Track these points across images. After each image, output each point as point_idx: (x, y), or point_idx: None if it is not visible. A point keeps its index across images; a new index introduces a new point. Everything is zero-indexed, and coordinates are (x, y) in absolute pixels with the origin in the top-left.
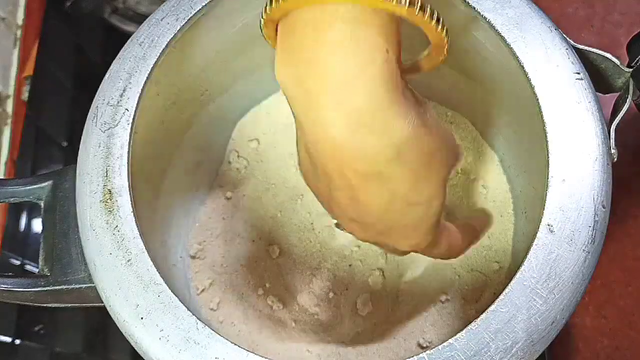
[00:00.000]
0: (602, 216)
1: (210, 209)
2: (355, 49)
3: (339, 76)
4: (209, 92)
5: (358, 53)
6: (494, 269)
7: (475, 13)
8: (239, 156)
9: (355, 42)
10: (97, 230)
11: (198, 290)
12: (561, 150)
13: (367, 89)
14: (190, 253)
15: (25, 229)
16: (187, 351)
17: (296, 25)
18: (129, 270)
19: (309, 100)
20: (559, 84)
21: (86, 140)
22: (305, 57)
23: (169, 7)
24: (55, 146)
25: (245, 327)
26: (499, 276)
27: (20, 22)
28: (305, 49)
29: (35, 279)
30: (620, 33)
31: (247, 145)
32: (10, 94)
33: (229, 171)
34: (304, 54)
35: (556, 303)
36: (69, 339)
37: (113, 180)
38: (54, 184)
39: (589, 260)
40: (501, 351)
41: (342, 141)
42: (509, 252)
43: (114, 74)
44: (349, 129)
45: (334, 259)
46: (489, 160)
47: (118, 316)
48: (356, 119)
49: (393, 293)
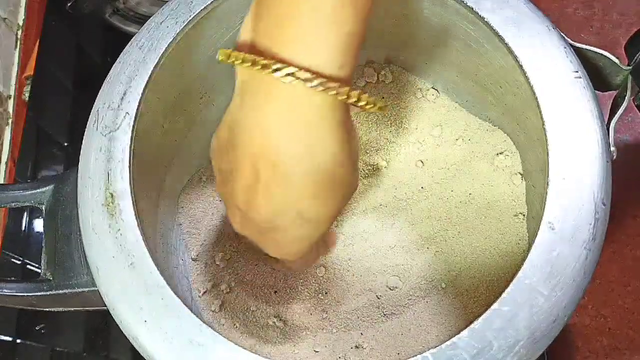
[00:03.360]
0: (602, 214)
1: (211, 211)
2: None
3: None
4: (208, 94)
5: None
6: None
7: (474, 13)
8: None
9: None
10: (99, 234)
11: (200, 292)
12: (560, 148)
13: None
14: (191, 255)
15: (27, 229)
16: (191, 353)
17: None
18: (132, 274)
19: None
20: (558, 83)
21: (87, 144)
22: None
23: (168, 10)
24: (56, 146)
25: (248, 329)
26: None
27: (21, 23)
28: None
29: (38, 283)
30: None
31: None
32: (11, 94)
33: None
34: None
35: (558, 301)
36: (70, 338)
37: (115, 183)
38: (55, 188)
39: (589, 258)
40: (504, 349)
41: (270, 136)
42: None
43: (114, 78)
44: (282, 127)
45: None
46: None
47: (122, 319)
48: (294, 122)
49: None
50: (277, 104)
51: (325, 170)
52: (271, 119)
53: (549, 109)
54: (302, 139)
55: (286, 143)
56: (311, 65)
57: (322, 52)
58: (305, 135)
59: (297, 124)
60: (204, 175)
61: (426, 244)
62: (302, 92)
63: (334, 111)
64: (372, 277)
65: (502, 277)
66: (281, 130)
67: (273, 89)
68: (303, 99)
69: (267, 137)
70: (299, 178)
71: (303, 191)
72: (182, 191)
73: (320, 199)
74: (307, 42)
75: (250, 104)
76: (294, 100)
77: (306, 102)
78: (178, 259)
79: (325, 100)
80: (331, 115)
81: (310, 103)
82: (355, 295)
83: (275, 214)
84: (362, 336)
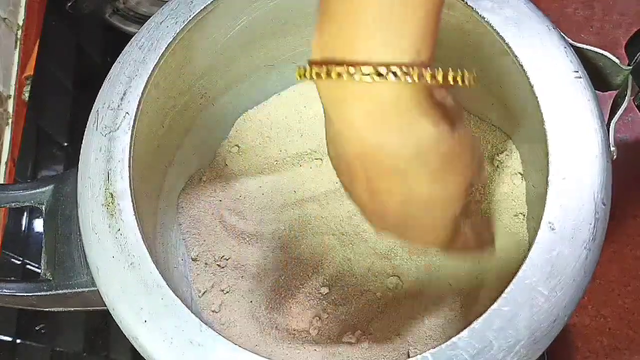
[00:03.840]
0: (602, 213)
1: (211, 211)
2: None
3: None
4: (208, 94)
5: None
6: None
7: (474, 13)
8: (238, 157)
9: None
10: (99, 234)
11: (200, 292)
12: (561, 148)
13: (394, 87)
14: (191, 255)
15: (27, 229)
16: (191, 353)
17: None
18: (132, 274)
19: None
20: (558, 83)
21: (87, 144)
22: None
23: (168, 10)
24: (55, 146)
25: (248, 329)
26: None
27: (21, 23)
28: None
29: (38, 283)
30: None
31: (246, 146)
32: (11, 94)
33: (228, 172)
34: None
35: (558, 301)
36: (70, 338)
37: (115, 183)
38: (55, 188)
39: (590, 258)
40: (504, 349)
41: (364, 134)
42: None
43: (114, 78)
44: (371, 123)
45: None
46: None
47: (122, 319)
48: (380, 115)
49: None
50: (362, 103)
51: (428, 153)
52: (361, 119)
53: (549, 109)
54: (394, 130)
55: (381, 138)
56: (384, 59)
57: (393, 45)
58: (397, 126)
59: (386, 118)
60: (204, 175)
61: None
62: (382, 87)
63: (420, 96)
64: (372, 277)
65: (502, 277)
66: (374, 128)
67: (353, 92)
68: (385, 93)
69: (363, 138)
70: (405, 167)
71: (415, 178)
72: (182, 191)
73: (436, 180)
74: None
75: (338, 115)
76: (377, 97)
77: (389, 96)
78: (178, 259)
79: (407, 89)
80: (417, 101)
81: (393, 95)
82: (355, 295)
83: (399, 206)
84: (362, 335)
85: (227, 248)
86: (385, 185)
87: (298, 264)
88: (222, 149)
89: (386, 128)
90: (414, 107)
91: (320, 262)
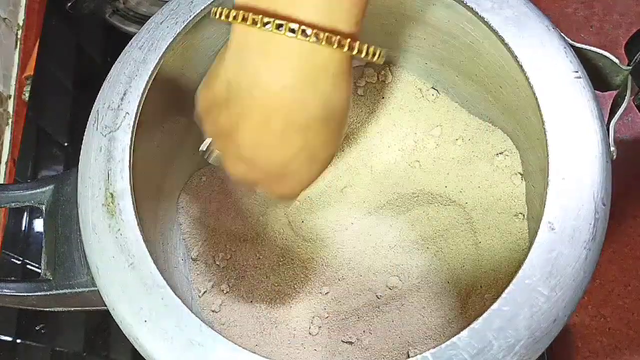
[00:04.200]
0: (602, 213)
1: (211, 211)
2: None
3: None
4: None
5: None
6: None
7: (473, 13)
8: None
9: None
10: (99, 234)
11: (200, 292)
12: (560, 148)
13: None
14: (191, 255)
15: (27, 229)
16: (191, 353)
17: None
18: (132, 274)
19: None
20: (558, 83)
21: (87, 144)
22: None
23: (168, 11)
24: (56, 146)
25: (248, 329)
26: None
27: (21, 23)
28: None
29: (38, 283)
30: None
31: None
32: (11, 94)
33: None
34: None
35: (558, 301)
36: (70, 338)
37: (115, 183)
38: (55, 188)
39: (589, 258)
40: (504, 349)
41: (281, 86)
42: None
43: (114, 78)
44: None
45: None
46: None
47: (122, 319)
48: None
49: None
50: (286, 59)
51: (334, 115)
52: (282, 73)
53: (549, 109)
54: (312, 91)
55: (301, 95)
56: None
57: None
58: (317, 87)
59: (308, 78)
60: (204, 175)
61: (426, 244)
62: (308, 47)
63: (340, 62)
64: (372, 277)
65: (502, 277)
66: (295, 83)
67: (278, 45)
68: (309, 52)
69: (281, 90)
70: (314, 124)
71: (317, 136)
72: (182, 191)
73: (330, 141)
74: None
75: (255, 61)
76: (301, 55)
77: (312, 55)
78: (178, 259)
79: (330, 53)
80: (344, 67)
81: (316, 56)
82: (356, 294)
83: (289, 157)
84: (362, 335)
85: (227, 248)
86: (284, 138)
87: (298, 263)
88: None
89: (306, 87)
90: (338, 73)
91: (320, 261)
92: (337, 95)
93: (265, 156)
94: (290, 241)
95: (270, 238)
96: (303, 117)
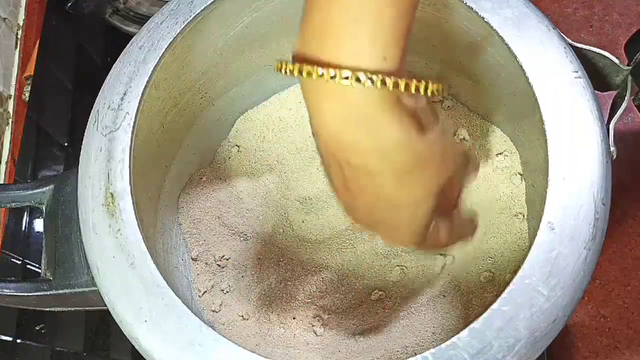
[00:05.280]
0: (602, 213)
1: (210, 210)
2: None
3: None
4: (208, 94)
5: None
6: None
7: (474, 13)
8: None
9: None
10: (99, 234)
11: (200, 292)
12: (560, 148)
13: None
14: (191, 255)
15: (27, 229)
16: (191, 353)
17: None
18: (132, 274)
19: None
20: (558, 83)
21: (87, 144)
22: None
23: (168, 11)
24: (56, 146)
25: (248, 329)
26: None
27: (21, 23)
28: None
29: (38, 283)
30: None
31: (246, 146)
32: (11, 94)
33: (228, 172)
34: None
35: (558, 301)
36: (70, 338)
37: (115, 183)
38: (55, 188)
39: (589, 258)
40: (504, 349)
41: (336, 134)
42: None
43: (114, 78)
44: (343, 124)
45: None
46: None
47: (122, 319)
48: (350, 117)
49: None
50: (334, 104)
51: (394, 155)
52: (332, 119)
53: (549, 109)
54: (362, 132)
55: (351, 138)
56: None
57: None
58: (365, 128)
59: (355, 120)
60: (204, 176)
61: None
62: (352, 90)
63: (388, 101)
64: (372, 277)
65: (502, 277)
66: (344, 128)
67: (326, 92)
68: (355, 96)
69: (336, 137)
70: (374, 168)
71: (383, 178)
72: (182, 191)
73: (403, 182)
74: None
75: (313, 112)
76: (348, 99)
77: (358, 99)
78: (178, 259)
79: (375, 94)
80: (385, 106)
81: (362, 99)
82: (356, 294)
83: (369, 204)
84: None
85: (227, 248)
86: (356, 182)
87: (298, 263)
88: (222, 149)
89: (355, 130)
90: (382, 112)
91: (320, 261)
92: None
93: (351, 202)
94: (290, 241)
95: (270, 238)
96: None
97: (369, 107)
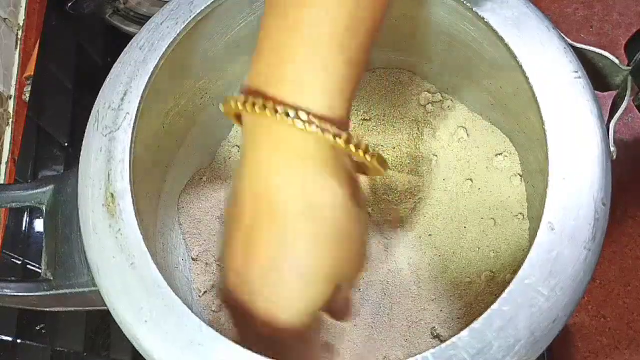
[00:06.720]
0: (602, 213)
1: (210, 210)
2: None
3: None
4: (208, 94)
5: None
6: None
7: (474, 13)
8: (238, 156)
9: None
10: (99, 234)
11: (200, 292)
12: (560, 148)
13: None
14: (191, 255)
15: (27, 229)
16: (191, 353)
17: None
18: (132, 274)
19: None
20: (558, 83)
21: (88, 144)
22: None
23: (168, 11)
24: (56, 146)
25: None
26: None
27: (21, 23)
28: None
29: (39, 283)
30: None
31: None
32: (11, 94)
33: (228, 172)
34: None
35: (558, 301)
36: (70, 338)
37: (115, 183)
38: (55, 188)
39: (589, 258)
40: (504, 349)
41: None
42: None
43: (114, 78)
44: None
45: None
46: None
47: (122, 319)
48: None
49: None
50: (273, 143)
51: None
52: (269, 157)
53: (549, 109)
54: (295, 177)
55: (282, 181)
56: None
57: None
58: (299, 173)
59: (291, 163)
60: (204, 175)
61: (426, 244)
62: (294, 132)
63: (326, 152)
64: (372, 276)
65: (502, 277)
66: (278, 168)
67: (268, 129)
68: (295, 138)
69: (266, 177)
70: (293, 218)
71: (298, 234)
72: (182, 191)
73: (318, 247)
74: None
75: (251, 145)
76: (288, 140)
77: (297, 141)
78: (178, 259)
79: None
80: (322, 156)
81: (301, 142)
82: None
83: (272, 260)
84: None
85: None
86: (264, 233)
87: None
88: (222, 149)
89: (289, 175)
90: (320, 166)
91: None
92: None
93: (251, 256)
94: None
95: None
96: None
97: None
